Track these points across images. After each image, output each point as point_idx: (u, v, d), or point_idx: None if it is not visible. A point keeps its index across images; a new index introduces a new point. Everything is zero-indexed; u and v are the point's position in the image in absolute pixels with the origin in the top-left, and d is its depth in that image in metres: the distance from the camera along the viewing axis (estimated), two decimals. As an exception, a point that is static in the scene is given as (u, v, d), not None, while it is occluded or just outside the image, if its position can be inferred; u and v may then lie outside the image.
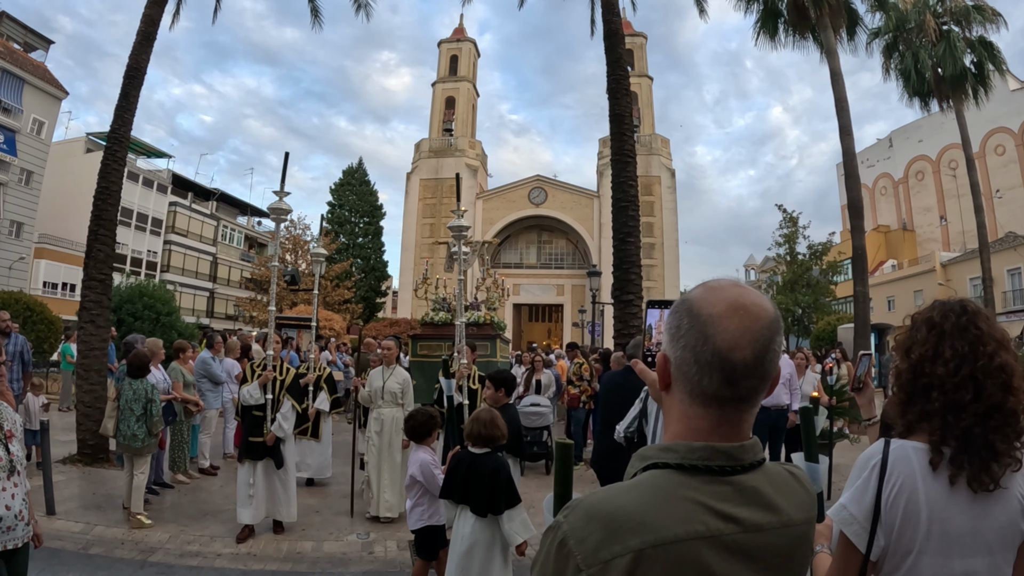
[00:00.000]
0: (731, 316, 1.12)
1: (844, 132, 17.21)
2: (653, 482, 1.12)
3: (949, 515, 1.67)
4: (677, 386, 1.19)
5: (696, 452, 1.13)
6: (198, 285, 53.81)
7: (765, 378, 1.14)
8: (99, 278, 10.78)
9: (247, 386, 7.12)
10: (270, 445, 6.97)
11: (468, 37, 63.36)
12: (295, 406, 7.40)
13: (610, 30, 12.90)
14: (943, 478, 1.69)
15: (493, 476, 4.30)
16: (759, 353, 1.11)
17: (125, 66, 11.40)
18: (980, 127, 42.78)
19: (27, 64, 39.02)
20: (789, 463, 1.27)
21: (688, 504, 1.08)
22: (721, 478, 1.12)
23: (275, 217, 7.64)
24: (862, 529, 1.74)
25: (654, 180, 54.76)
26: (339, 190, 53.59)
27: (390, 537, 7.02)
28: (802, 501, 1.21)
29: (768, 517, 1.12)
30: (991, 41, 22.49)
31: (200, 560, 6.18)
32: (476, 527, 4.33)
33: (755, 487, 1.14)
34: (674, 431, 1.20)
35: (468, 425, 4.59)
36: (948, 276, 43.21)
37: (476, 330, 15.21)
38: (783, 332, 1.19)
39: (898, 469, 1.74)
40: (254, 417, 7.05)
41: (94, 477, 9.17)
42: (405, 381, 8.02)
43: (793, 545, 1.16)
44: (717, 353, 1.10)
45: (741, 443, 1.15)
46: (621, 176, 12.42)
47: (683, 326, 1.16)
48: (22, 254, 38.36)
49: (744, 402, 1.14)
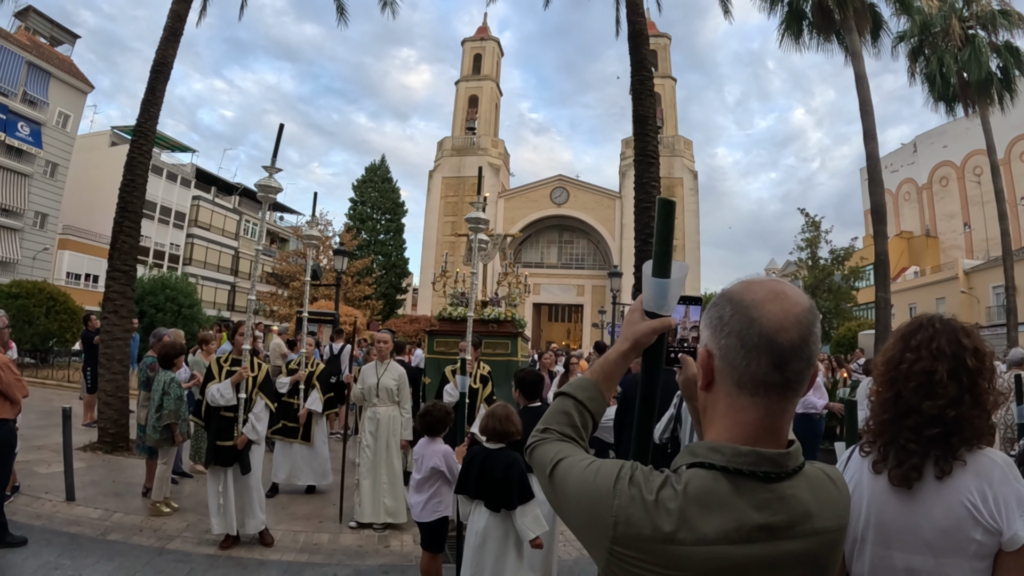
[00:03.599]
0: (773, 301, 1.15)
1: (868, 136, 17.10)
2: (699, 483, 1.14)
3: (885, 509, 1.80)
4: (722, 379, 1.21)
5: (743, 457, 1.14)
6: (219, 279, 54.35)
7: (810, 362, 1.16)
8: (123, 269, 10.92)
9: (215, 384, 6.42)
10: (240, 449, 6.39)
11: (492, 36, 63.46)
12: (268, 405, 6.81)
13: (635, 31, 12.88)
14: (883, 477, 1.82)
15: (506, 471, 4.33)
16: (804, 335, 1.14)
17: (152, 61, 11.56)
18: (1005, 133, 42.35)
19: (53, 58, 39.55)
20: (827, 465, 1.29)
21: (729, 510, 1.11)
22: (765, 485, 1.14)
23: (263, 196, 6.95)
24: None
25: (676, 182, 54.60)
26: (361, 187, 53.79)
27: (406, 531, 7.07)
28: (837, 507, 1.22)
29: (803, 525, 1.15)
30: (1017, 46, 22.29)
31: (217, 549, 6.24)
32: (490, 522, 4.35)
33: (795, 495, 1.15)
34: (720, 427, 1.22)
35: (483, 420, 4.61)
36: (971, 284, 42.78)
37: (496, 327, 15.01)
38: (819, 321, 1.20)
39: (852, 466, 1.94)
40: (222, 419, 6.42)
41: (114, 465, 9.29)
42: (401, 377, 7.53)
43: (823, 551, 1.18)
44: (764, 335, 1.13)
45: (787, 451, 1.17)
46: (644, 177, 12.41)
47: (726, 315, 1.19)
48: (46, 245, 38.90)
49: (790, 389, 1.16)
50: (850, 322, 32.70)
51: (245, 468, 6.42)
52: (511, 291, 16.09)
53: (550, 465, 1.30)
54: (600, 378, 1.45)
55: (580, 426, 1.41)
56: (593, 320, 49.82)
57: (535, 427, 1.45)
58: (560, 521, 5.68)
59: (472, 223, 7.19)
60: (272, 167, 6.85)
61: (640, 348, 1.36)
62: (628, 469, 1.18)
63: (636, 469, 1.18)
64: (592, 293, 56.98)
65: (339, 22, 16.86)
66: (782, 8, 19.35)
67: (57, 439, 9.56)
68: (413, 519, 5.32)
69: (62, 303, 23.41)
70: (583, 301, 57.66)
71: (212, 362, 6.76)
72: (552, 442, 1.37)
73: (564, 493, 1.26)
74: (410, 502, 5.27)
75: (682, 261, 1.32)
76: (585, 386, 1.46)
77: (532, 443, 1.41)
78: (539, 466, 1.36)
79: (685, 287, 1.37)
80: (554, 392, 1.70)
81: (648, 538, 1.10)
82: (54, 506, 7.15)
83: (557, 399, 1.47)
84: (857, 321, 32.46)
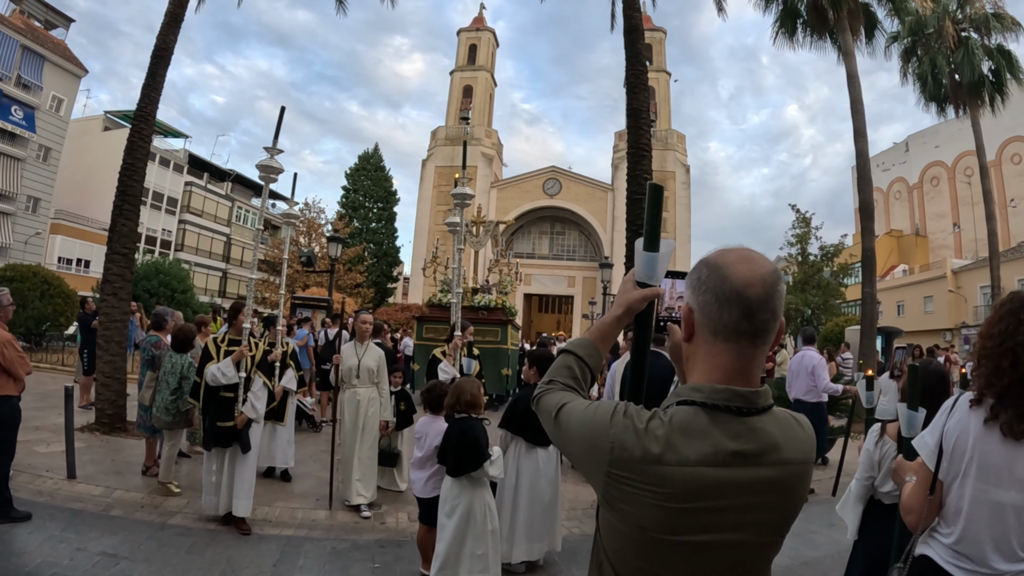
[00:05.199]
0: (742, 263, 1.36)
1: (859, 135, 17.25)
2: (682, 416, 1.34)
3: (987, 450, 2.29)
4: (701, 330, 1.41)
5: (719, 394, 1.35)
6: (212, 265, 54.25)
7: (775, 315, 1.36)
8: (123, 252, 11.02)
9: (215, 364, 6.39)
10: (240, 428, 6.40)
11: (487, 27, 63.26)
12: (267, 383, 6.85)
13: (630, 25, 13.02)
14: (992, 426, 2.29)
15: (459, 438, 4.69)
16: (769, 291, 1.33)
17: (151, 47, 11.61)
18: (997, 135, 42.70)
19: (48, 42, 39.43)
20: (793, 411, 1.51)
21: (707, 437, 1.31)
22: (738, 418, 1.34)
23: (264, 176, 7.03)
24: (932, 453, 2.46)
25: (669, 175, 54.64)
26: (354, 175, 53.86)
27: (401, 509, 7.28)
28: (802, 444, 1.42)
29: (772, 455, 1.35)
30: (1010, 50, 22.44)
31: (216, 524, 6.39)
32: (454, 488, 4.74)
33: (765, 428, 1.36)
34: (699, 371, 1.43)
35: (449, 395, 5.01)
36: (959, 283, 43.15)
37: (487, 314, 15.09)
38: (784, 283, 1.41)
39: (958, 412, 2.44)
40: (222, 399, 6.41)
41: (112, 445, 9.43)
42: (380, 358, 7.49)
43: (789, 480, 1.37)
44: (734, 290, 1.33)
45: (756, 389, 1.37)
46: (636, 170, 12.56)
47: (703, 276, 1.39)
48: (38, 229, 38.83)
49: (758, 336, 1.36)
50: (838, 317, 32.92)
51: (245, 447, 6.39)
52: (502, 278, 16.15)
53: (555, 409, 1.52)
54: (597, 338, 1.70)
55: (580, 378, 1.64)
56: (583, 311, 49.99)
57: (541, 379, 1.68)
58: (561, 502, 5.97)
59: (458, 198, 7.31)
60: (274, 148, 6.91)
61: (632, 313, 1.58)
62: (623, 406, 1.40)
63: (628, 406, 1.40)
64: (583, 284, 57.09)
65: (338, 11, 16.91)
66: (777, 6, 19.48)
67: (54, 420, 9.72)
68: (414, 494, 5.49)
69: (56, 287, 23.44)
70: (573, 292, 57.71)
71: (209, 343, 6.70)
72: (556, 391, 1.60)
73: (568, 430, 1.48)
74: (411, 478, 5.46)
75: (669, 239, 1.55)
76: (584, 344, 1.70)
77: (539, 393, 1.64)
78: (545, 411, 1.57)
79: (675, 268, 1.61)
80: (558, 349, 1.95)
81: (639, 459, 1.30)
82: (55, 484, 7.28)
83: (560, 355, 1.70)
84: (845, 317, 32.63)
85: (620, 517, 1.36)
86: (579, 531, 6.77)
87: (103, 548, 5.55)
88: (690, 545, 1.30)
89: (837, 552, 6.02)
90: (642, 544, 1.34)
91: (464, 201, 7.33)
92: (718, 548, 1.31)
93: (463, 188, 7.26)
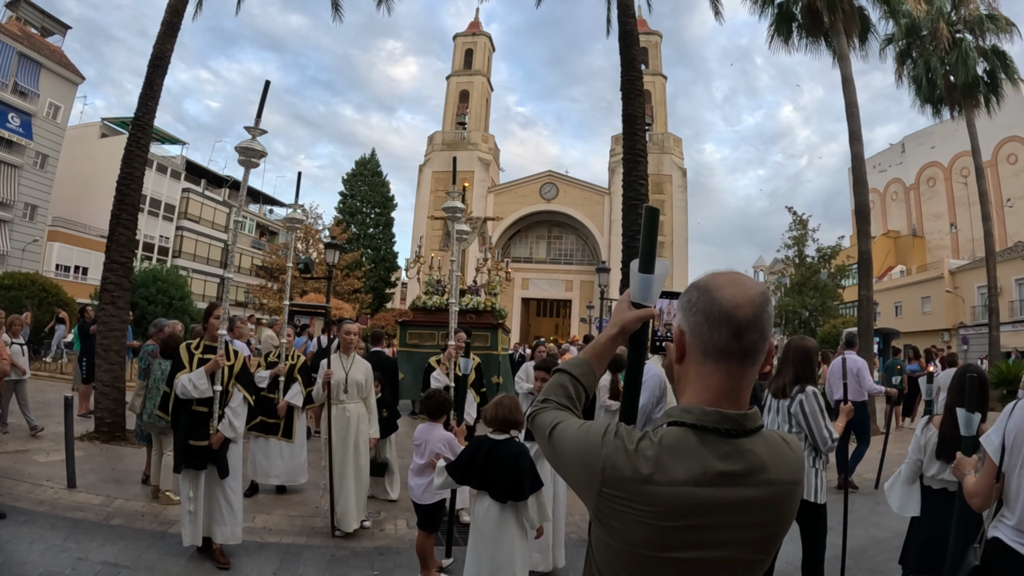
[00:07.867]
0: (731, 285, 1.40)
1: (854, 137, 17.29)
2: (672, 437, 1.38)
3: None
4: (692, 351, 1.45)
5: (708, 416, 1.39)
6: (209, 271, 54.17)
7: (764, 336, 1.39)
8: (120, 261, 11.06)
9: (185, 374, 5.65)
10: (216, 449, 5.65)
11: (483, 31, 63.32)
12: (247, 398, 6.04)
13: (625, 31, 13.08)
14: None
15: (516, 461, 4.37)
16: (757, 312, 1.37)
17: (149, 55, 11.65)
18: (993, 136, 42.78)
19: (44, 48, 39.40)
20: (785, 433, 1.56)
21: (696, 458, 1.35)
22: (727, 439, 1.38)
23: (244, 160, 6.09)
24: (996, 448, 2.97)
25: (665, 179, 54.76)
26: (351, 180, 53.85)
27: (399, 516, 7.30)
28: (789, 464, 1.44)
29: (759, 475, 1.38)
30: (1004, 50, 22.55)
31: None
32: (492, 511, 4.37)
33: (752, 449, 1.39)
34: (690, 392, 1.47)
35: (489, 410, 4.63)
36: (956, 284, 43.24)
37: (475, 318, 14.69)
38: (772, 305, 1.46)
39: (1017, 413, 2.97)
40: (194, 414, 5.65)
41: (112, 454, 9.45)
42: (368, 371, 7.05)
43: (776, 499, 1.40)
44: (724, 311, 1.37)
45: (746, 412, 1.41)
46: (632, 175, 12.62)
47: (694, 298, 1.44)
48: (36, 236, 38.79)
49: (747, 356, 1.39)
50: (835, 319, 32.99)
51: (223, 472, 5.69)
52: (491, 278, 15.86)
53: (549, 428, 1.57)
54: (591, 357, 1.75)
55: (574, 397, 1.69)
56: (581, 315, 49.94)
57: (536, 398, 1.73)
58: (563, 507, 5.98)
59: (449, 212, 7.05)
60: (256, 128, 6.04)
61: (627, 333, 1.64)
62: (614, 426, 1.44)
63: (620, 426, 1.44)
64: (580, 288, 56.96)
65: (334, 18, 16.98)
66: (772, 10, 19.53)
67: (53, 429, 9.76)
68: (412, 501, 5.47)
69: (54, 295, 23.46)
70: (571, 296, 57.70)
71: (182, 349, 5.91)
72: (551, 410, 1.64)
73: (561, 449, 1.52)
74: (410, 484, 5.43)
75: (664, 260, 1.59)
76: (579, 363, 1.75)
77: (534, 411, 1.68)
78: (539, 429, 1.62)
79: (673, 281, 1.65)
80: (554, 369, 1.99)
81: (629, 479, 1.34)
82: (56, 493, 7.29)
83: (555, 375, 1.75)
84: (842, 318, 32.71)
85: (611, 534, 1.40)
86: (576, 536, 6.79)
87: (104, 557, 5.58)
88: (678, 562, 1.34)
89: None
90: (632, 560, 1.38)
91: (455, 215, 7.05)
92: (706, 565, 1.35)
93: (454, 202, 6.98)
